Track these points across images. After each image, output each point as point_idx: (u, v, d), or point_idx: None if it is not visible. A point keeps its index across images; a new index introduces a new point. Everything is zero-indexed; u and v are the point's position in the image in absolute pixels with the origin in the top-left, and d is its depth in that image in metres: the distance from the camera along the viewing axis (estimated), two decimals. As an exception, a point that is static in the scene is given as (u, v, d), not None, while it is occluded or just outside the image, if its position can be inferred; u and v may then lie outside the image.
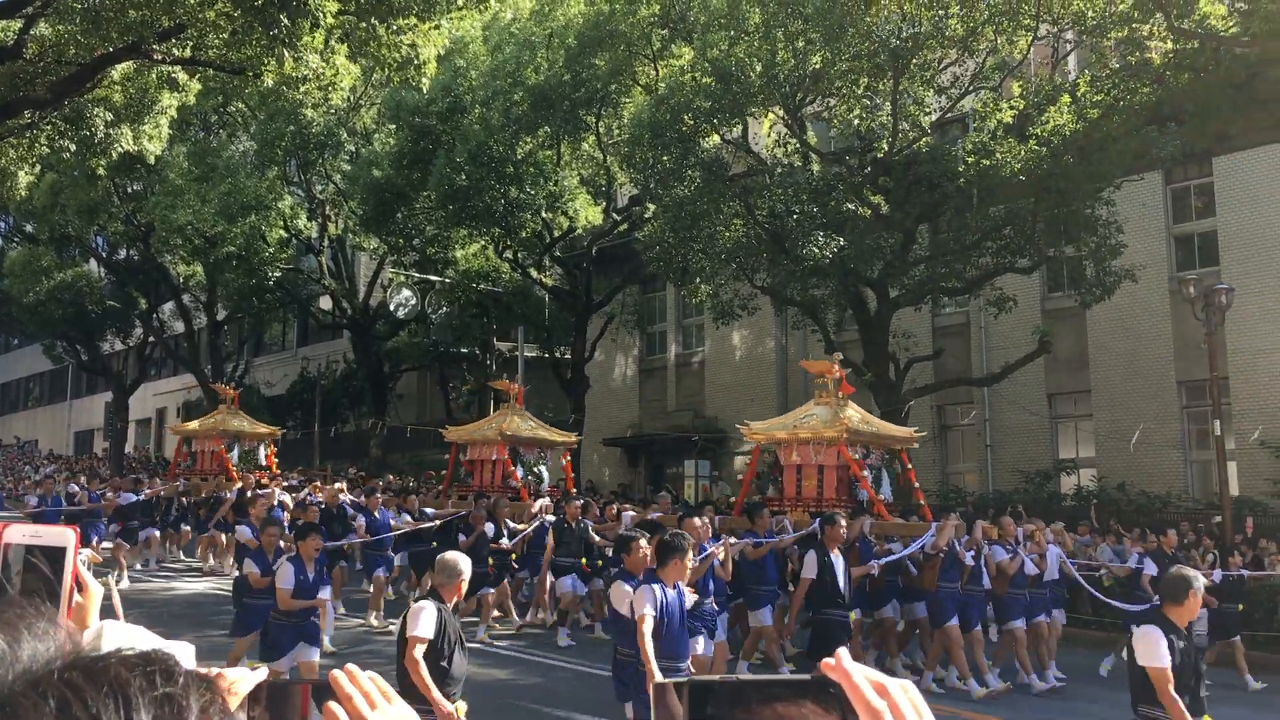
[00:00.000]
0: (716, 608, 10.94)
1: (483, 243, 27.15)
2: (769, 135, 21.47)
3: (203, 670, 0.93)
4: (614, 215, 26.61)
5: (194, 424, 25.02)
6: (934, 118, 20.03)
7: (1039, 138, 17.94)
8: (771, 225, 19.20)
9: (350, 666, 1.06)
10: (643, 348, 32.40)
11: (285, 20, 11.88)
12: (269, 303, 34.80)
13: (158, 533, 21.82)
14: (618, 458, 32.22)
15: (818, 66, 18.36)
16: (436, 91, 23.86)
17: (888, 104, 18.73)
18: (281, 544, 11.01)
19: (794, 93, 19.06)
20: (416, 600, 6.84)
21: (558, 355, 28.72)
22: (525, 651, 13.63)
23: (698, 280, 21.76)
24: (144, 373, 44.94)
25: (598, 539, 15.10)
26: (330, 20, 12.34)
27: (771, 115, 20.79)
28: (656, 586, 7.09)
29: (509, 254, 26.65)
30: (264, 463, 23.84)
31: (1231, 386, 20.35)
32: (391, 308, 34.42)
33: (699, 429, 29.38)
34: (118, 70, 16.13)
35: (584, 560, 14.77)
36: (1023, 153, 17.80)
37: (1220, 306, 17.21)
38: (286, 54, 12.23)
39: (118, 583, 14.99)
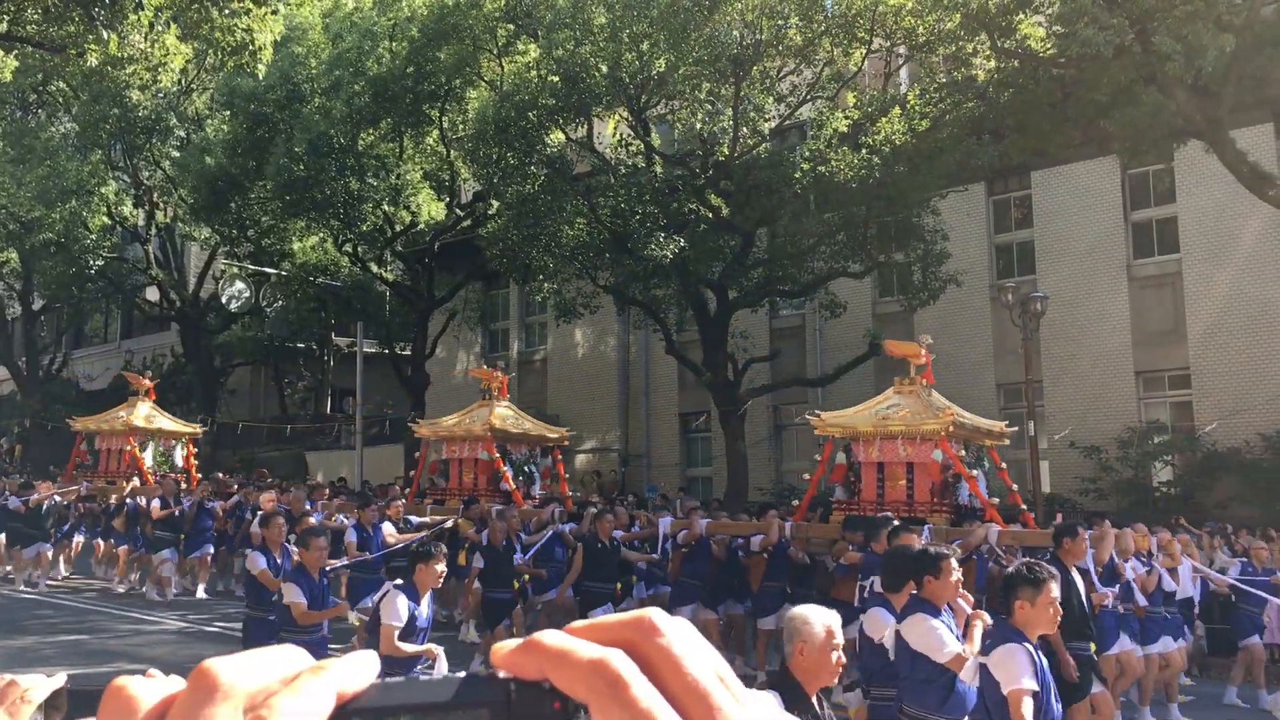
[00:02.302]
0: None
1: (321, 235, 26.51)
2: (613, 136, 21.63)
3: None
4: (457, 211, 26.34)
5: (98, 418, 21.31)
6: (773, 124, 20.54)
7: (871, 147, 18.62)
8: (614, 225, 19.36)
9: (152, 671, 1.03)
10: (485, 345, 32.17)
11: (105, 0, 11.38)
12: (90, 293, 33.22)
13: (49, 547, 18.40)
14: (458, 456, 31.90)
15: (662, 70, 18.59)
16: (275, 79, 23.17)
17: (729, 109, 19.11)
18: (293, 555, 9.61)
19: (638, 95, 19.26)
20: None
21: (398, 351, 28.27)
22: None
23: (541, 278, 21.76)
24: (-50, 364, 42.27)
25: (633, 557, 12.92)
26: (157, 0, 11.87)
27: (616, 116, 20.96)
28: (1030, 646, 4.89)
29: (349, 248, 26.09)
30: (181, 464, 20.68)
31: (1045, 389, 21.48)
32: (224, 300, 33.31)
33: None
34: (-77, 42, 15.15)
35: (619, 585, 12.47)
36: (856, 161, 18.45)
37: (1036, 313, 18.17)
38: (109, 34, 11.71)
39: None
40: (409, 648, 6.82)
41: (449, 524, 14.05)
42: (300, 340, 34.69)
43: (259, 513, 13.72)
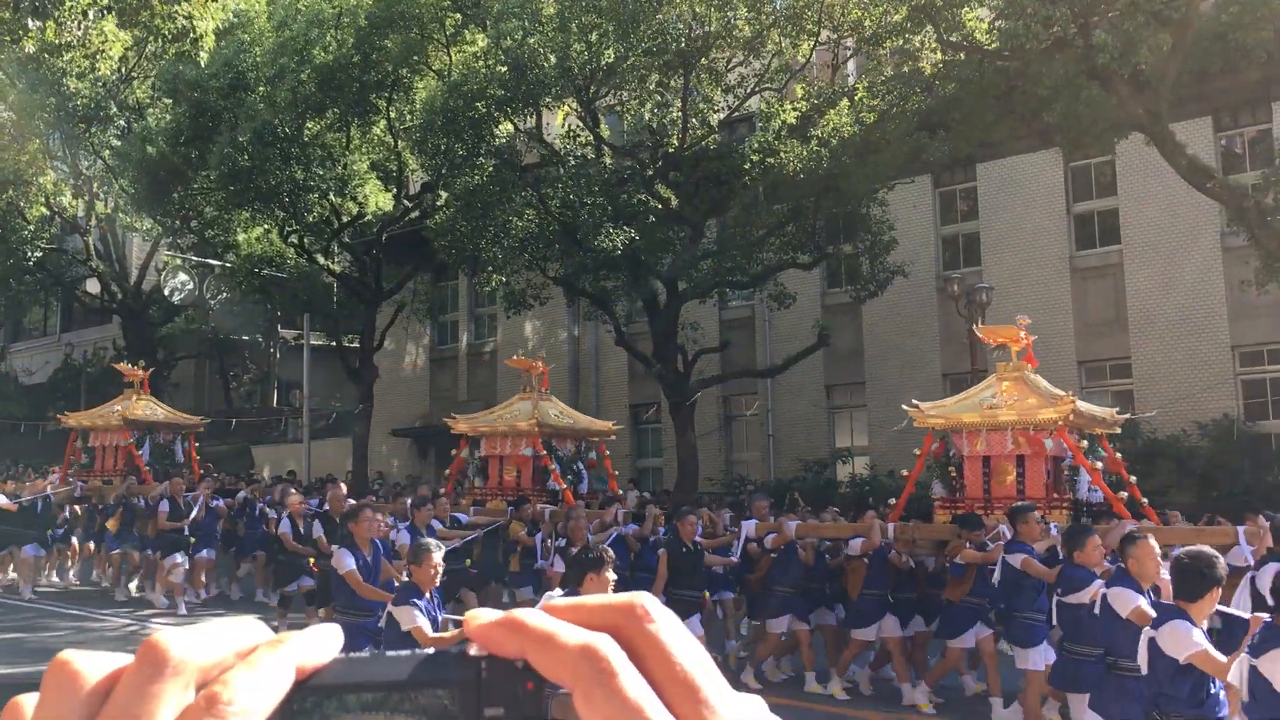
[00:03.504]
0: None
1: (267, 226, 26.14)
2: (562, 127, 21.56)
3: None
4: (405, 202, 26.11)
5: (91, 414, 20.00)
6: (722, 116, 20.60)
7: (820, 139, 18.73)
8: (563, 216, 19.31)
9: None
10: (434, 337, 31.98)
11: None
12: (29, 285, 32.54)
13: (41, 551, 17.24)
14: (407, 448, 31.72)
15: (610, 61, 18.55)
16: (218, 66, 22.79)
17: (678, 101, 19.13)
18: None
19: (587, 85, 19.21)
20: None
21: (345, 344, 28.00)
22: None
23: (490, 270, 21.65)
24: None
25: (716, 561, 12.00)
26: (97, -15, 11.65)
27: (565, 107, 20.90)
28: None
29: (295, 239, 25.76)
30: (181, 460, 19.47)
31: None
32: (166, 292, 32.81)
33: (490, 419, 29.24)
34: None
35: (706, 593, 11.58)
36: (804, 153, 18.55)
37: (981, 304, 18.43)
38: (38, 24, 11.47)
39: None
40: None
41: (498, 526, 13.29)
42: (245, 333, 34.29)
43: (347, 508, 11.00)
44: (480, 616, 0.54)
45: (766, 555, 11.53)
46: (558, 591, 6.53)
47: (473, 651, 0.53)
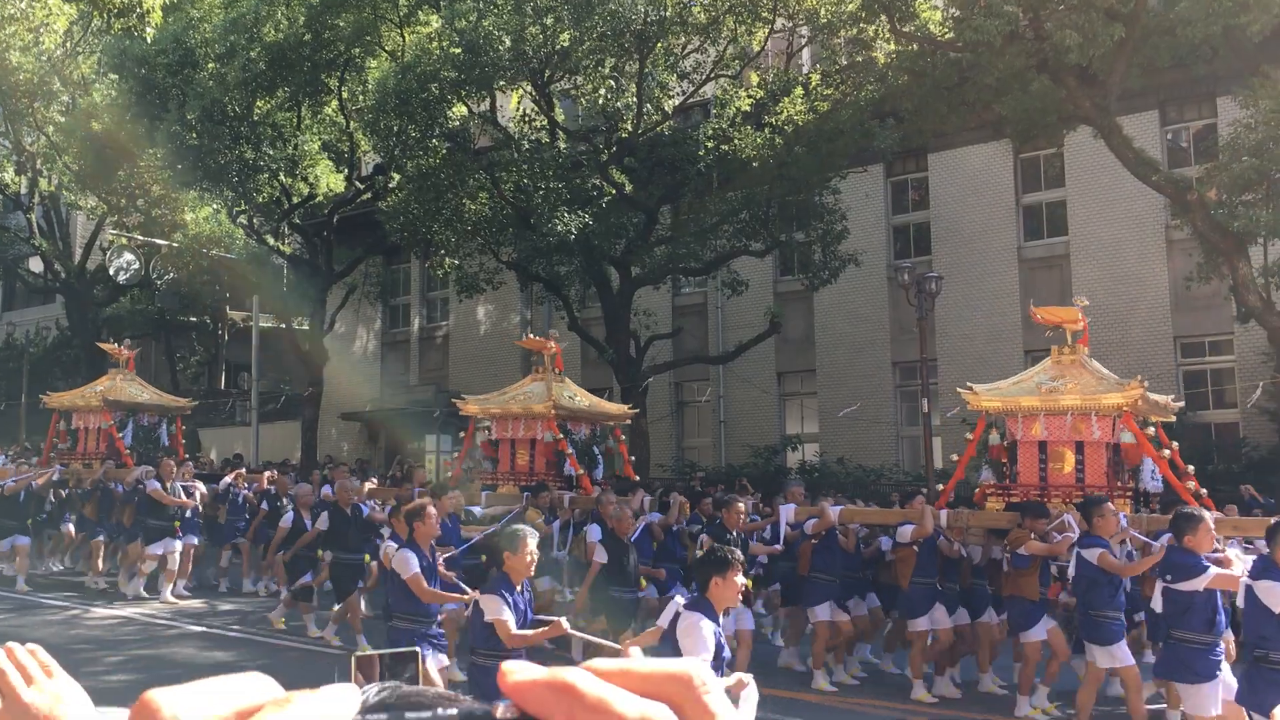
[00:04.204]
0: None
1: (215, 206, 25.77)
2: (516, 110, 21.45)
3: None
4: (357, 183, 25.85)
5: (73, 394, 18.91)
6: (677, 102, 20.60)
7: (774, 127, 18.80)
8: (517, 200, 19.23)
9: (10, 644, 0.99)
10: (385, 320, 31.75)
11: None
12: (-32, 263, 31.83)
13: (26, 541, 16.24)
14: (357, 432, 31.49)
15: (566, 44, 18.48)
16: (167, 42, 22.40)
17: (633, 85, 19.10)
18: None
19: (542, 69, 19.12)
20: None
21: (295, 326, 27.71)
22: (253, 634, 13.17)
23: (442, 253, 21.51)
24: None
25: (760, 550, 11.46)
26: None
27: (519, 90, 20.80)
28: None
29: (244, 219, 25.43)
30: (166, 443, 18.46)
31: (939, 367, 22.01)
32: (112, 272, 32.25)
33: (442, 403, 29.10)
34: None
35: (749, 583, 11.16)
36: (759, 140, 18.62)
37: (931, 293, 18.61)
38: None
39: None
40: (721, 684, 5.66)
41: (515, 514, 12.26)
42: (193, 314, 33.83)
43: (412, 505, 9.01)
44: (518, 672, 0.50)
45: (808, 542, 11.05)
46: (679, 598, 5.80)
47: (500, 714, 0.48)
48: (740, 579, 5.56)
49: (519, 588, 6.42)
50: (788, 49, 20.92)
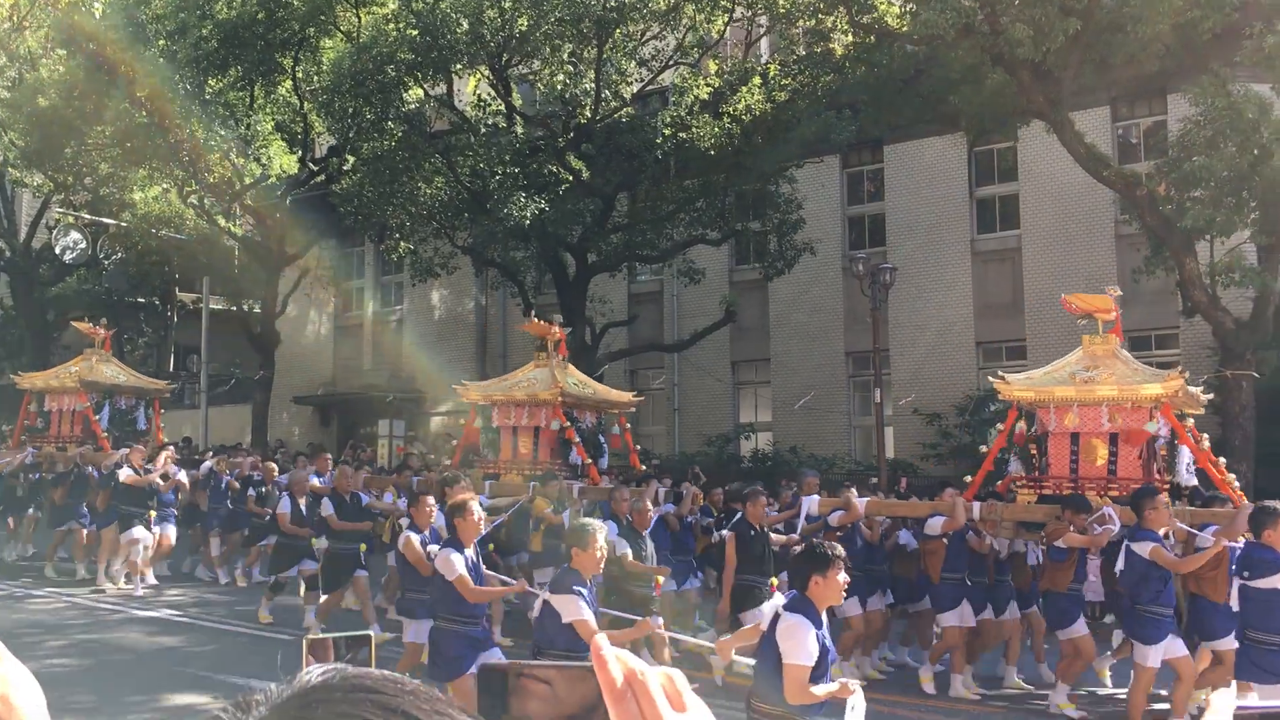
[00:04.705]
0: None
1: (165, 185, 25.38)
2: (473, 94, 21.29)
3: None
4: (311, 165, 25.56)
5: (47, 374, 18.26)
6: (635, 89, 20.56)
7: (732, 115, 18.82)
8: (473, 185, 19.11)
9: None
10: (339, 304, 31.45)
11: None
12: (-91, 240, 31.09)
13: None
14: (308, 416, 31.22)
15: (524, 28, 18.36)
16: (117, 18, 21.99)
17: (591, 71, 19.03)
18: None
19: (500, 53, 18.99)
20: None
21: (246, 308, 27.38)
22: (201, 618, 13.03)
23: (397, 237, 21.33)
24: None
25: (781, 540, 10.69)
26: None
27: (477, 74, 20.64)
28: None
29: (194, 199, 25.06)
30: (144, 427, 17.97)
31: (891, 358, 22.19)
32: (58, 251, 31.65)
33: (395, 388, 28.91)
34: None
35: (774, 580, 10.35)
36: (716, 129, 18.63)
37: (885, 284, 18.74)
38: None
39: None
40: (822, 690, 5.04)
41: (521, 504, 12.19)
42: (141, 295, 33.32)
43: (455, 501, 8.15)
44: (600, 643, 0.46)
45: (831, 535, 10.42)
46: (778, 598, 5.48)
47: None
48: (843, 576, 5.23)
49: (589, 583, 6.15)
50: (746, 38, 20.94)
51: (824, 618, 5.24)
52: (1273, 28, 13.77)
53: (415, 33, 18.18)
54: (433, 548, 8.23)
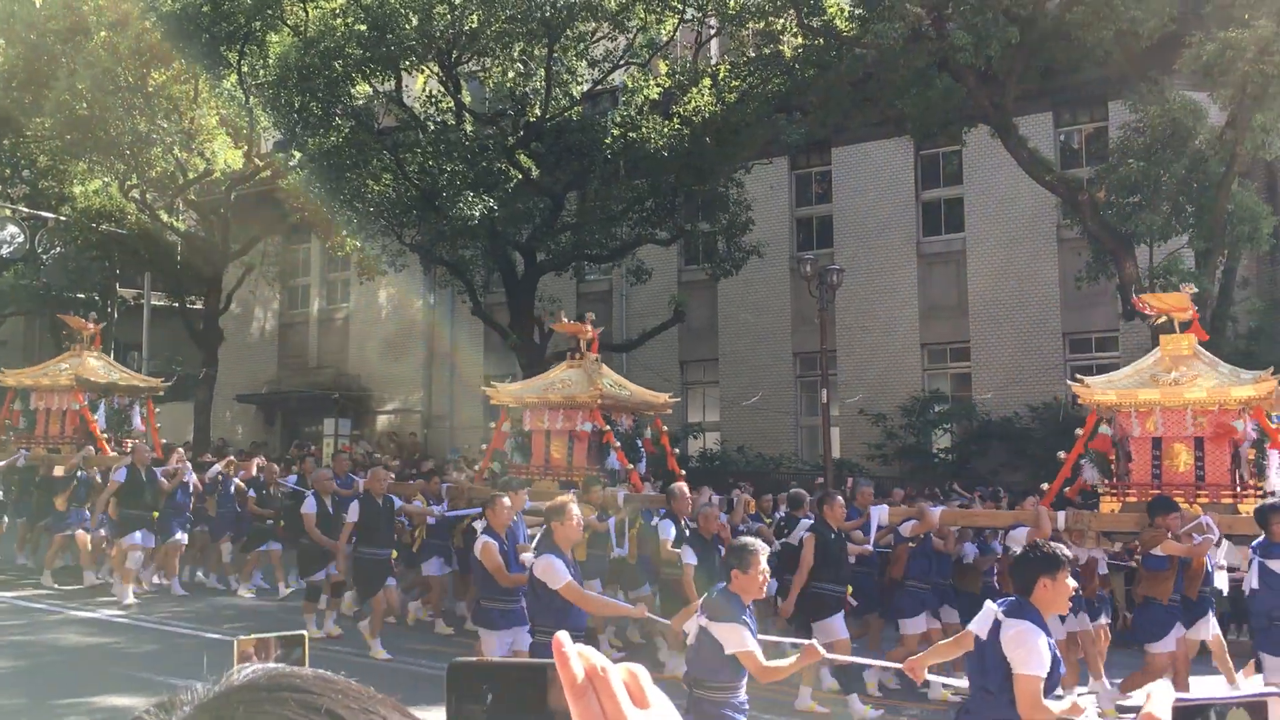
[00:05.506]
0: None
1: (106, 179, 24.95)
2: (422, 91, 21.16)
3: None
4: (256, 160, 25.24)
5: (34, 371, 17.16)
6: (585, 88, 20.54)
7: (681, 116, 18.88)
8: (422, 182, 18.99)
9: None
10: (284, 301, 31.10)
11: None
12: None
13: None
14: (252, 415, 30.84)
15: (474, 26, 18.28)
16: (57, 8, 21.60)
17: (542, 70, 19.00)
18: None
19: (449, 50, 18.89)
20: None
21: (189, 305, 26.98)
22: (139, 620, 12.82)
23: (344, 234, 21.14)
24: None
25: (854, 549, 10.20)
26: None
27: (426, 71, 20.51)
28: None
29: (136, 193, 24.65)
30: (139, 426, 16.97)
31: (838, 359, 22.37)
32: (-6, 245, 30.98)
33: (341, 387, 28.65)
34: None
35: (849, 588, 9.87)
36: (666, 130, 18.68)
37: (832, 285, 18.89)
38: None
39: None
40: (1057, 707, 4.65)
41: None
42: (80, 290, 32.67)
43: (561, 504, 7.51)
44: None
45: (903, 545, 10.21)
46: (989, 603, 5.01)
47: None
48: (1071, 581, 4.85)
49: (749, 609, 5.51)
50: (697, 39, 21.01)
51: (1049, 625, 4.86)
52: (1212, 36, 14.07)
53: (364, 28, 18.04)
54: (526, 556, 7.75)
